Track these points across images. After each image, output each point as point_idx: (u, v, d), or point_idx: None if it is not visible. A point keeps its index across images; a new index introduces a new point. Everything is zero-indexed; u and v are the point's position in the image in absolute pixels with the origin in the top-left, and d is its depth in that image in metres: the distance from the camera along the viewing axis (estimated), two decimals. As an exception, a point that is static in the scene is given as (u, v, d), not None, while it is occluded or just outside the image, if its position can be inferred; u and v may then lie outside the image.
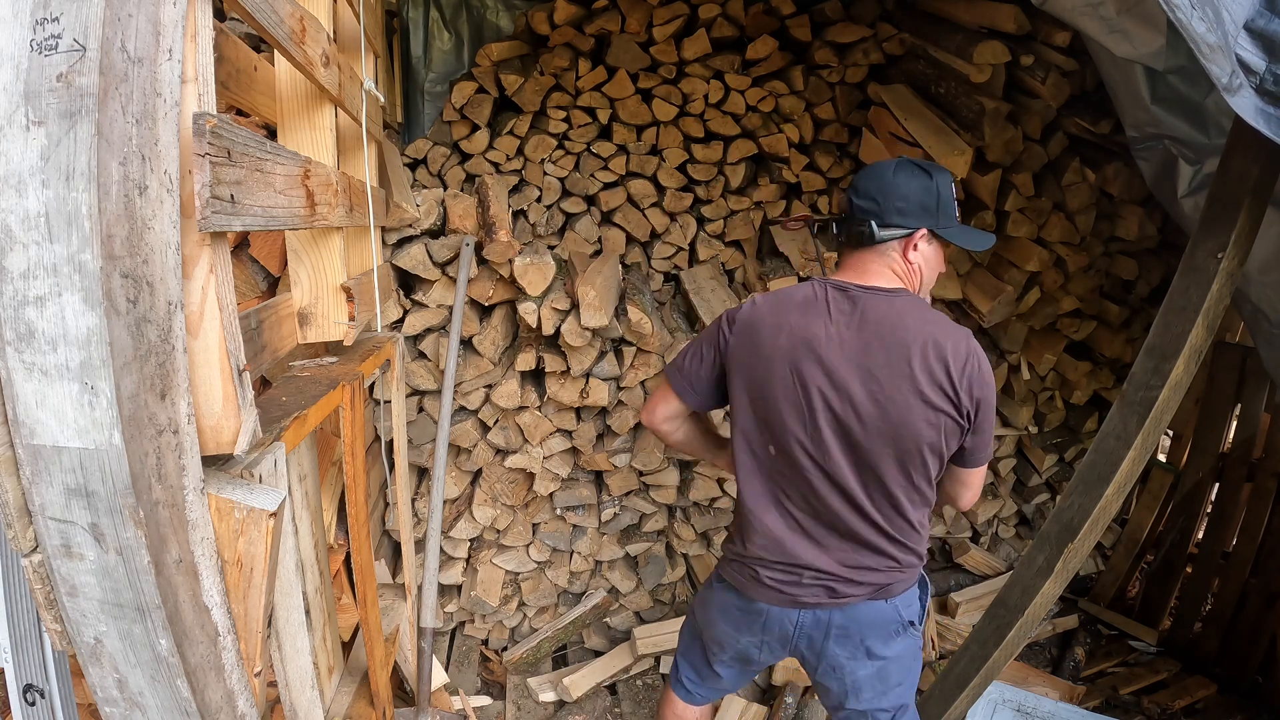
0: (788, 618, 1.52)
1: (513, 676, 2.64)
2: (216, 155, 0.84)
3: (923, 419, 1.36)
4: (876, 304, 1.40)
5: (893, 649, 1.52)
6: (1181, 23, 1.25)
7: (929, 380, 1.35)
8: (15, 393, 0.71)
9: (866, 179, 1.45)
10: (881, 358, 1.36)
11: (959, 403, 1.37)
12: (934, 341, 1.36)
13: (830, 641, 1.51)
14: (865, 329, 1.38)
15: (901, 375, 1.35)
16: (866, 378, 1.37)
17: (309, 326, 1.51)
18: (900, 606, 1.51)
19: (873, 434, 1.37)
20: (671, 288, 2.79)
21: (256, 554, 0.92)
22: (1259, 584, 2.77)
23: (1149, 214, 2.64)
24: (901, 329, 1.36)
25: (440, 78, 2.56)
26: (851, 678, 1.53)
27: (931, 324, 1.39)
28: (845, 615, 1.49)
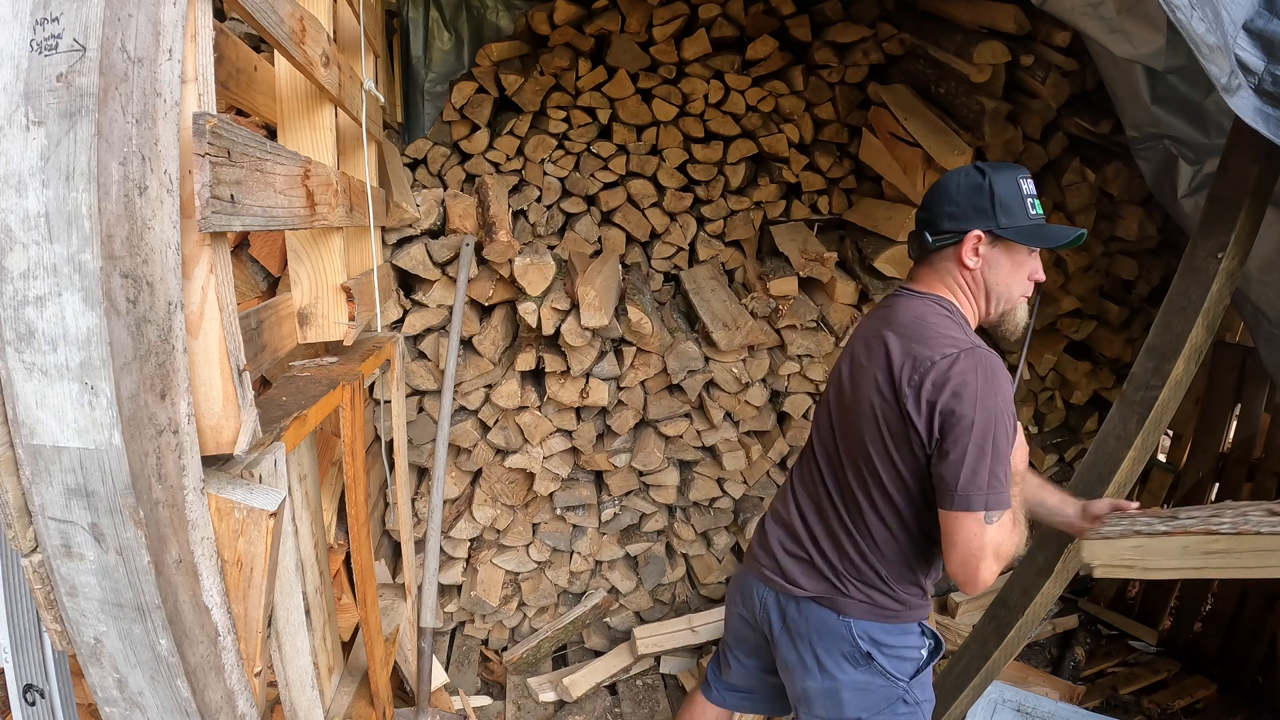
0: (758, 591, 1.56)
1: (513, 676, 2.64)
2: (216, 155, 0.84)
3: (870, 416, 1.34)
4: (895, 305, 1.42)
5: (848, 673, 1.43)
6: (1181, 23, 1.25)
7: (886, 379, 1.32)
8: (15, 393, 0.71)
9: (930, 188, 1.44)
10: (867, 351, 1.39)
11: (903, 405, 1.27)
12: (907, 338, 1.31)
13: (784, 635, 1.51)
14: (870, 331, 1.41)
15: (869, 373, 1.36)
16: (854, 369, 1.42)
17: (309, 326, 1.51)
18: (856, 631, 1.41)
19: (842, 425, 1.43)
20: (671, 288, 2.79)
21: (256, 554, 0.92)
22: (1259, 584, 2.76)
23: (1149, 214, 2.65)
24: (893, 324, 1.36)
25: (440, 78, 2.56)
26: (801, 686, 1.50)
27: (921, 324, 1.32)
28: (798, 610, 1.48)
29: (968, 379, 1.22)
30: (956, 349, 1.26)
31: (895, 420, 1.30)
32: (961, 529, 1.23)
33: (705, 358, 2.46)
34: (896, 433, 1.30)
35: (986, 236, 1.34)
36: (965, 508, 1.22)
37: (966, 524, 1.23)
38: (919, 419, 1.26)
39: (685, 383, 2.45)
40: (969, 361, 1.24)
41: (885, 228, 2.56)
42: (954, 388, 1.22)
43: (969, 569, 1.25)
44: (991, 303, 1.40)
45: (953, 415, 1.22)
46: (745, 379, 2.48)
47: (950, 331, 1.31)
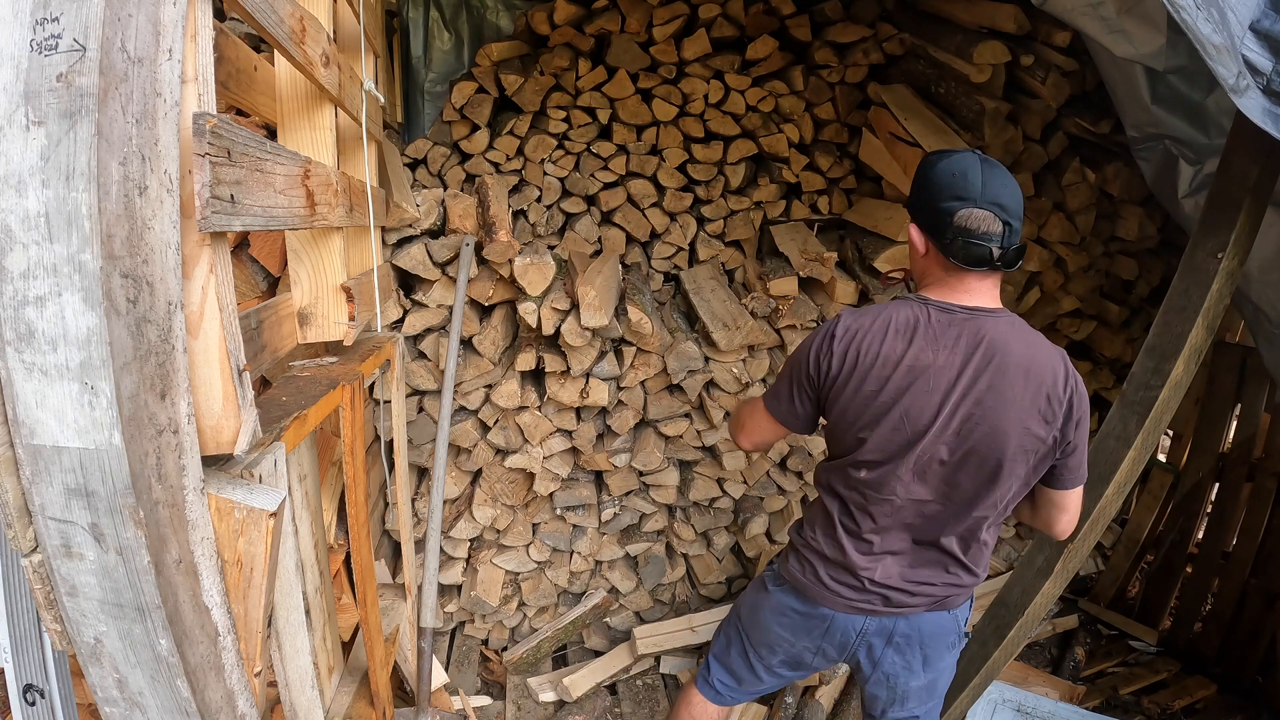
0: (852, 624, 1.51)
1: (513, 676, 2.64)
2: (216, 155, 0.84)
3: (1019, 446, 1.33)
4: (981, 325, 1.33)
5: (946, 660, 1.55)
6: (1187, 24, 1.24)
7: (1031, 406, 1.31)
8: (15, 393, 0.71)
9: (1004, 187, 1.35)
10: (986, 384, 1.31)
11: (1058, 428, 1.33)
12: (1036, 364, 1.32)
13: (890, 650, 1.52)
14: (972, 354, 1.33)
15: (1004, 401, 1.31)
16: (971, 404, 1.32)
17: (309, 326, 1.51)
18: (960, 617, 1.54)
19: (970, 460, 1.34)
20: (671, 288, 2.79)
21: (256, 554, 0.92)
22: (1259, 584, 2.77)
23: (1149, 214, 2.65)
24: (1006, 352, 1.32)
25: (440, 78, 2.56)
26: (903, 688, 1.56)
27: (1034, 345, 1.34)
28: (909, 624, 1.50)
29: (1080, 384, 1.36)
30: (1063, 358, 1.36)
31: (1046, 438, 1.35)
32: (1076, 500, 1.45)
33: (705, 358, 2.45)
34: (1043, 453, 1.36)
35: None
36: (1081, 483, 1.43)
37: (1079, 496, 1.45)
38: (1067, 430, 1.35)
39: (685, 383, 2.45)
40: (1073, 367, 1.36)
41: (885, 228, 2.56)
42: (1082, 395, 1.35)
43: (1075, 522, 1.48)
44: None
45: (1082, 420, 1.36)
46: (745, 379, 2.48)
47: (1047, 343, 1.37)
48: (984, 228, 1.28)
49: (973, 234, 1.29)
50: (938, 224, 1.32)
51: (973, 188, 1.28)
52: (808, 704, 2.43)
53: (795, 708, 2.43)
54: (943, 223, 1.31)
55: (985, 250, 1.29)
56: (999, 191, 1.29)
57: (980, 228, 1.28)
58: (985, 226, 1.28)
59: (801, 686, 2.49)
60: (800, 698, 2.47)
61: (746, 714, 2.43)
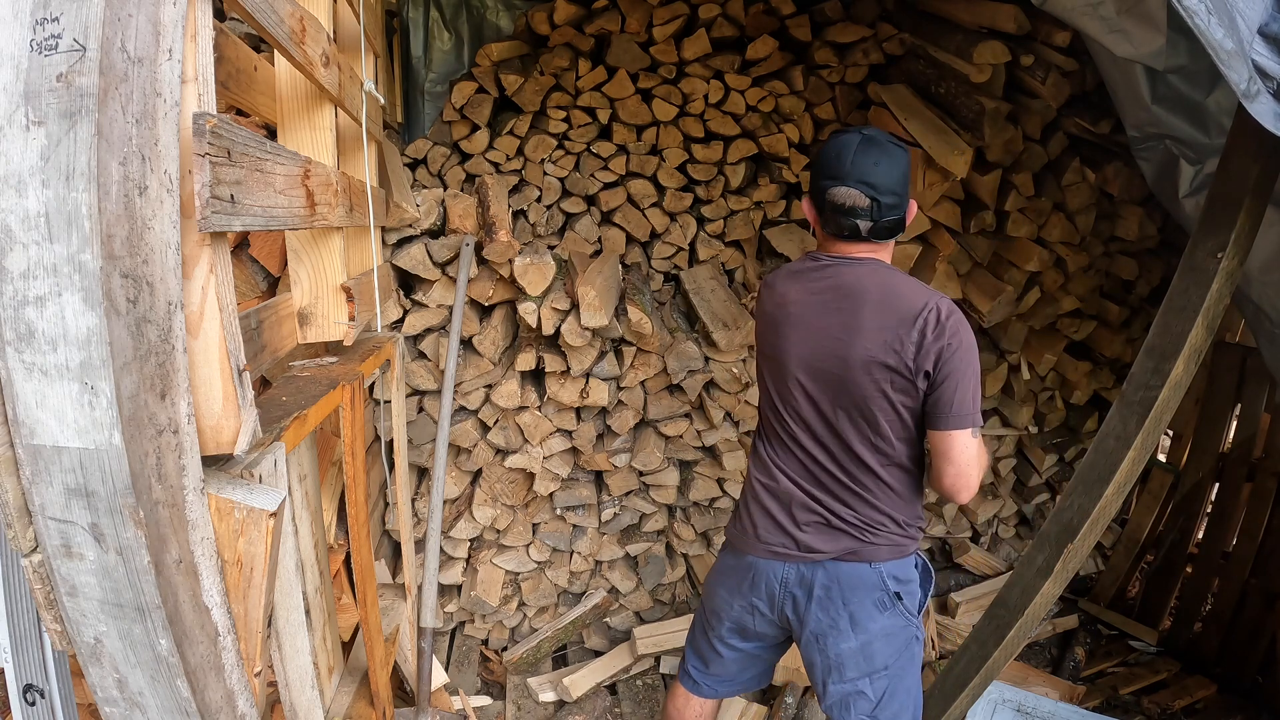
0: (772, 572, 1.55)
1: (513, 676, 2.64)
2: (216, 155, 0.84)
3: (867, 375, 1.41)
4: (840, 270, 1.48)
5: (878, 622, 1.51)
6: (1200, 29, 1.24)
7: (877, 335, 1.39)
8: (15, 393, 0.71)
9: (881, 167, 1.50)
10: (836, 319, 1.44)
11: (910, 357, 1.38)
12: (888, 297, 1.41)
13: (813, 605, 1.52)
14: (826, 293, 1.47)
15: (849, 331, 1.42)
16: (824, 338, 1.45)
17: (309, 326, 1.51)
18: (885, 574, 1.50)
19: (833, 392, 1.45)
20: (671, 288, 2.79)
21: (256, 554, 0.92)
22: (1259, 584, 2.77)
23: (1149, 214, 2.64)
24: (860, 289, 1.43)
25: (440, 78, 2.56)
26: (834, 651, 1.52)
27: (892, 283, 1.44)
28: (827, 574, 1.51)
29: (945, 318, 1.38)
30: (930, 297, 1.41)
31: (898, 370, 1.40)
32: (956, 444, 1.40)
33: (705, 358, 2.46)
34: (899, 383, 1.41)
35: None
36: (958, 428, 1.40)
37: (961, 439, 1.40)
38: (922, 359, 1.38)
39: (685, 383, 2.45)
40: (945, 303, 1.40)
41: (885, 228, 2.56)
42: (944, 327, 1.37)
43: (964, 478, 1.42)
44: None
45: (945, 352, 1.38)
46: (745, 379, 2.48)
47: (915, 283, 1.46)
48: (849, 203, 1.41)
49: (840, 209, 1.43)
50: (818, 200, 1.47)
51: (843, 167, 1.41)
52: (807, 704, 2.43)
53: (795, 708, 2.43)
54: (821, 199, 1.45)
55: (852, 224, 1.43)
56: (867, 170, 1.40)
57: (846, 203, 1.42)
58: (851, 201, 1.41)
59: (802, 686, 2.50)
60: (800, 698, 2.47)
61: (746, 714, 2.43)
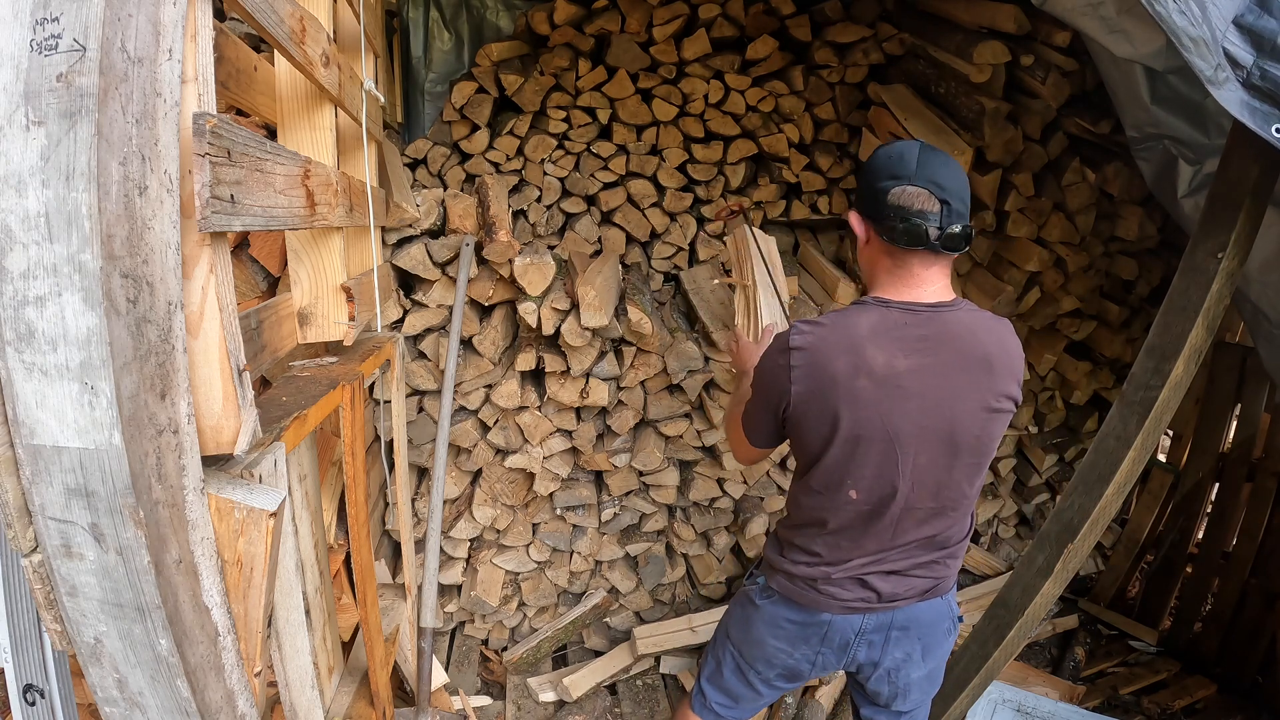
0: (850, 625, 1.48)
1: (513, 676, 2.64)
2: (216, 155, 0.84)
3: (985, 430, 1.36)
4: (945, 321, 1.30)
5: (945, 646, 1.55)
6: (1161, 16, 1.25)
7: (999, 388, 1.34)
8: (15, 393, 0.71)
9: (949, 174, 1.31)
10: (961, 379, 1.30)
11: (1015, 401, 1.37)
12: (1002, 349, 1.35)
13: (890, 644, 1.50)
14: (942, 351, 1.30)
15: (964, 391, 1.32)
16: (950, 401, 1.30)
17: (309, 326, 1.51)
18: (951, 601, 1.53)
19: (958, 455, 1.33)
20: (671, 288, 2.79)
21: (256, 554, 0.92)
22: (1259, 584, 2.77)
23: (1149, 214, 2.64)
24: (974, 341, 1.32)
25: (440, 78, 2.56)
26: (905, 680, 1.54)
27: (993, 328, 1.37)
28: (906, 615, 1.48)
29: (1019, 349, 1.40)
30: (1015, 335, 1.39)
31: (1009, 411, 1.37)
32: None
33: (705, 358, 2.45)
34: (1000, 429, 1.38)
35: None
36: None
37: None
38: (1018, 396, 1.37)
39: (685, 383, 2.45)
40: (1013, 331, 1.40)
41: (885, 228, 2.56)
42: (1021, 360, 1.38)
43: None
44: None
45: None
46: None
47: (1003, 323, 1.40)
48: (919, 205, 1.24)
49: (908, 211, 1.24)
50: (876, 205, 1.28)
51: (908, 166, 1.25)
52: (808, 704, 2.43)
53: (795, 708, 2.43)
54: (880, 203, 1.27)
55: (921, 229, 1.23)
56: (937, 170, 1.24)
57: (915, 205, 1.24)
58: (920, 204, 1.24)
59: (802, 687, 2.50)
60: (800, 698, 2.47)
61: (746, 714, 2.43)
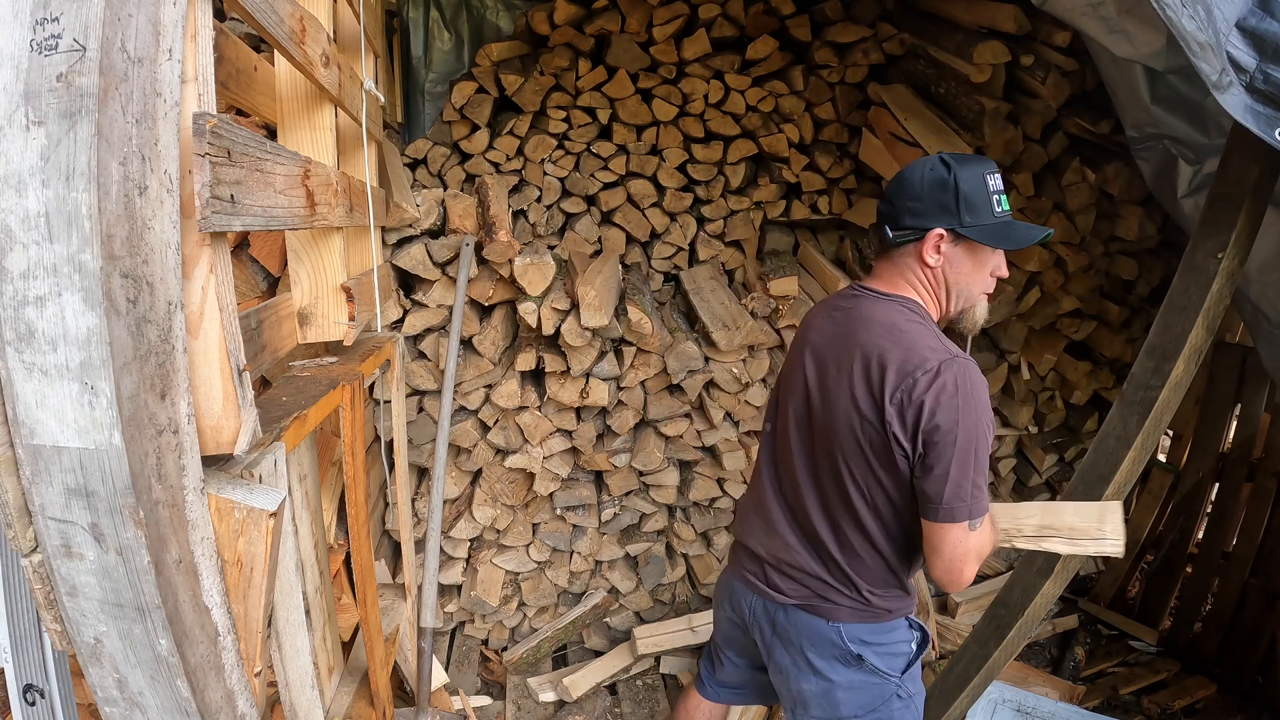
0: (745, 598, 1.56)
1: (513, 676, 2.64)
2: (216, 155, 0.84)
3: (848, 430, 1.30)
4: (861, 308, 1.38)
5: (840, 674, 1.43)
6: (1171, 20, 1.25)
7: (866, 395, 1.27)
8: (15, 393, 0.71)
9: (892, 179, 1.39)
10: (837, 359, 1.35)
11: (886, 425, 1.24)
12: (884, 351, 1.27)
13: (776, 641, 1.51)
14: (840, 330, 1.39)
15: (842, 386, 1.32)
16: (824, 376, 1.38)
17: (309, 326, 1.51)
18: (845, 634, 1.41)
19: (816, 435, 1.39)
20: (671, 288, 2.79)
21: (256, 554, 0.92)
22: (1259, 584, 2.77)
23: (1149, 214, 2.64)
24: (864, 333, 1.32)
25: (440, 78, 2.56)
26: (796, 688, 1.49)
27: (896, 334, 1.28)
28: (786, 617, 1.48)
29: (948, 393, 1.21)
30: (936, 361, 1.23)
31: (877, 436, 1.27)
32: (947, 539, 1.25)
33: (705, 358, 2.46)
34: (879, 448, 1.28)
35: (949, 235, 1.31)
36: (950, 519, 1.24)
37: (951, 534, 1.25)
38: (903, 436, 1.24)
39: (685, 383, 2.45)
40: (949, 375, 1.22)
41: (885, 228, 2.56)
42: (935, 404, 1.21)
43: (953, 574, 1.27)
44: (952, 300, 1.39)
45: (936, 431, 1.21)
46: (745, 379, 2.48)
47: (925, 341, 1.27)
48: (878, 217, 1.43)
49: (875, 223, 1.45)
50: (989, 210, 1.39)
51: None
52: (808, 704, 2.43)
53: (795, 708, 2.43)
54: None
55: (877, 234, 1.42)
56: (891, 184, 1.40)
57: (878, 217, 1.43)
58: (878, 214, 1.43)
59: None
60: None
61: (746, 714, 2.43)
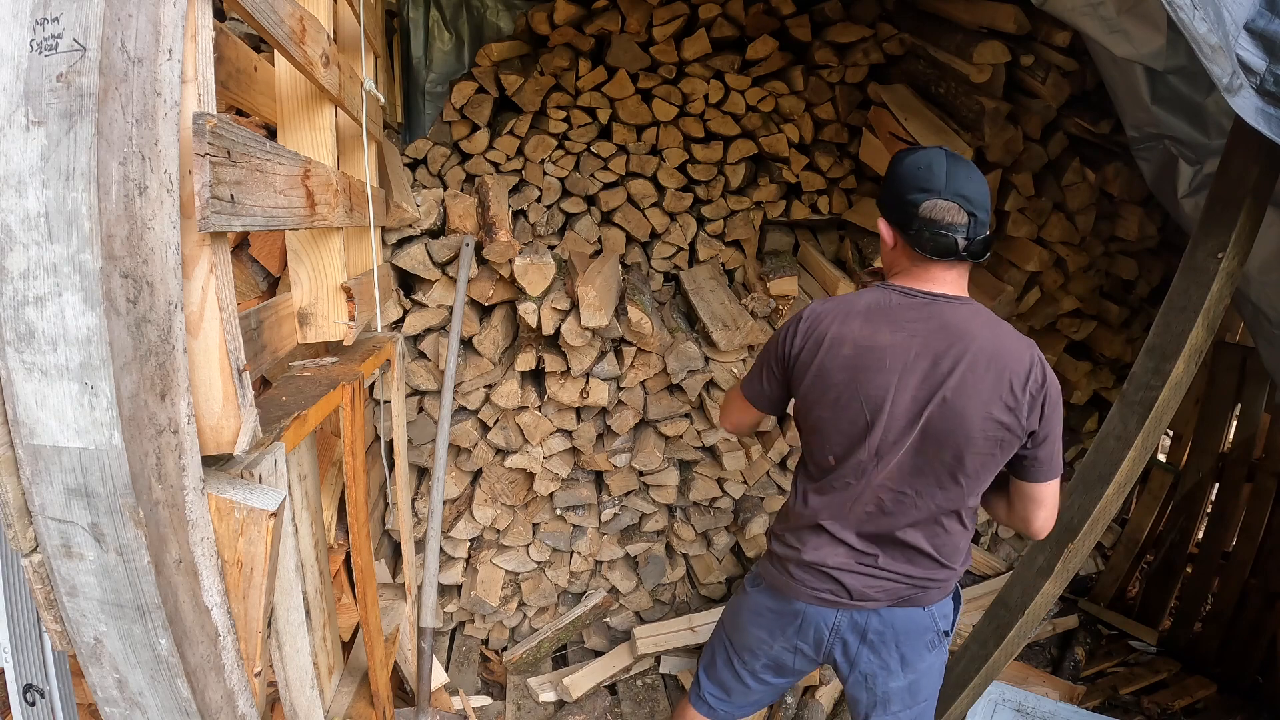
0: (823, 619, 1.48)
1: (513, 676, 2.64)
2: (216, 155, 0.84)
3: (981, 431, 1.32)
4: (945, 310, 1.35)
5: (926, 661, 1.50)
6: (1184, 23, 1.25)
7: (994, 391, 1.31)
8: (15, 393, 0.71)
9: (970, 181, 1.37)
10: (948, 368, 1.31)
11: (1022, 417, 1.32)
12: (1003, 350, 1.32)
13: (865, 649, 1.49)
14: (931, 337, 1.33)
15: (968, 384, 1.31)
16: (931, 387, 1.32)
17: (309, 326, 1.51)
18: (937, 615, 1.48)
19: (930, 441, 1.34)
20: (671, 288, 2.79)
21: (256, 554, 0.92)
22: (1259, 584, 2.77)
23: (1149, 214, 2.64)
24: (974, 336, 1.32)
25: (440, 78, 2.56)
26: (883, 689, 1.51)
27: (1001, 331, 1.35)
28: (882, 620, 1.46)
29: (1049, 370, 1.34)
30: (1031, 345, 1.35)
31: (1010, 434, 1.33)
32: (1050, 492, 1.42)
33: (705, 358, 2.46)
34: (1008, 441, 1.34)
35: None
36: (1058, 474, 1.41)
37: (1055, 486, 1.42)
38: (1036, 421, 1.33)
39: (685, 383, 2.45)
40: (1039, 353, 1.35)
41: (885, 228, 2.56)
42: (1051, 383, 1.33)
43: (1052, 519, 1.45)
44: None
45: (1054, 408, 1.34)
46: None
47: (1017, 332, 1.37)
48: (949, 218, 1.32)
49: (938, 224, 1.32)
50: (905, 216, 1.35)
51: (937, 180, 1.32)
52: (808, 704, 2.43)
53: (795, 708, 2.43)
54: (909, 214, 1.34)
55: (950, 240, 1.32)
56: (964, 184, 1.32)
57: (945, 218, 1.32)
58: (950, 217, 1.32)
59: (802, 687, 2.50)
60: (800, 698, 2.47)
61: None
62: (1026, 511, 1.44)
